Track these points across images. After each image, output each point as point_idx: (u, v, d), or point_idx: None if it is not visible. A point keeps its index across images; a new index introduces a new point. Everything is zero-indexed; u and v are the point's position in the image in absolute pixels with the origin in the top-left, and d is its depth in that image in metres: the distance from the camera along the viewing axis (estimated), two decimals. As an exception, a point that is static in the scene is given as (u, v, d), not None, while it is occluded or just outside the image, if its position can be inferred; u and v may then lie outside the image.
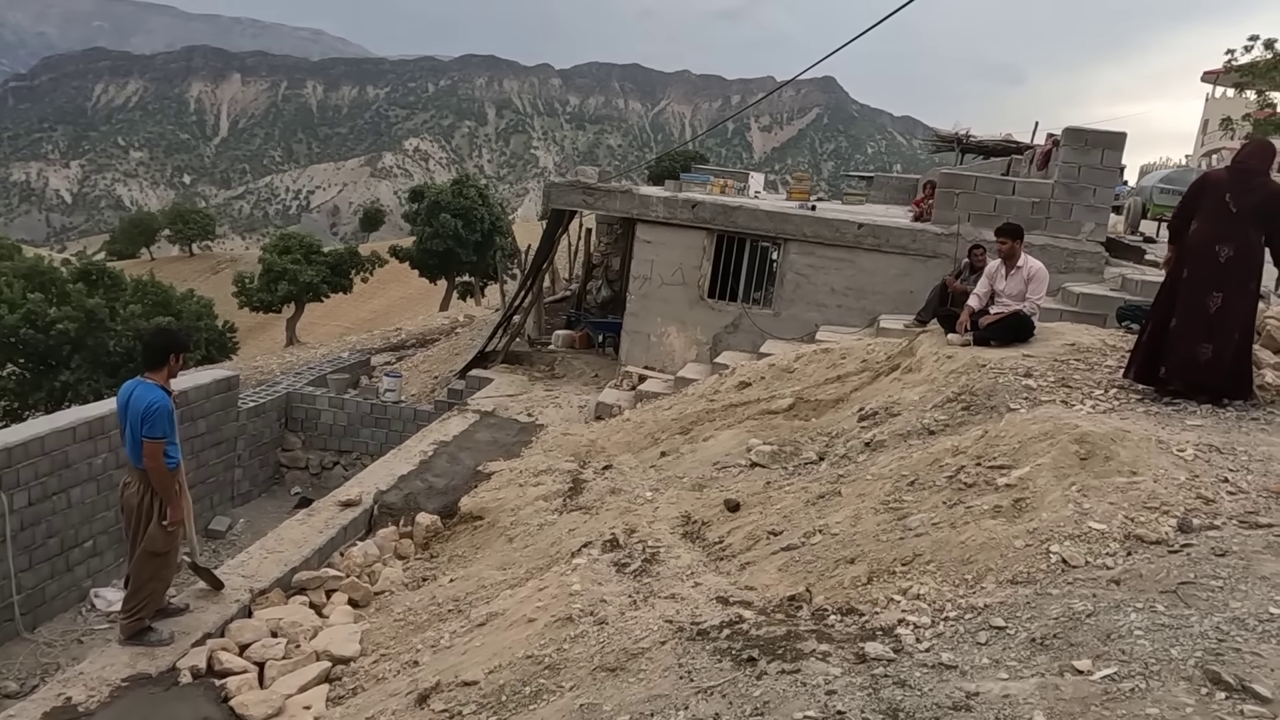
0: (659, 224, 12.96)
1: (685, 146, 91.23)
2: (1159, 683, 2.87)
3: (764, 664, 3.64)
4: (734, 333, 12.61)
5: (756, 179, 23.93)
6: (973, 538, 4.29)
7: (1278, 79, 36.54)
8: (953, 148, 28.41)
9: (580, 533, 6.67)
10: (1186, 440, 4.94)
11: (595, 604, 4.92)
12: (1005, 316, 7.68)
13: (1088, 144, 11.38)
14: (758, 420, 8.40)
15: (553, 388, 13.52)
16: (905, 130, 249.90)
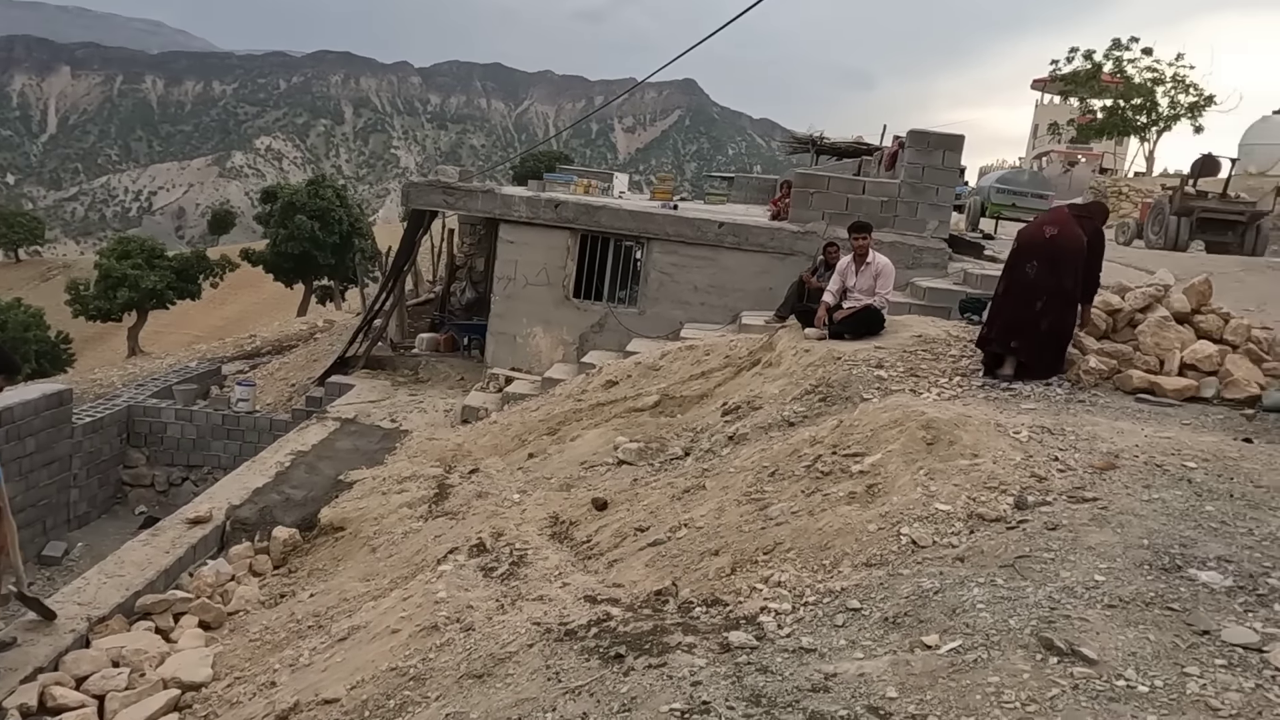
0: (522, 224, 12.86)
1: (547, 145, 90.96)
2: (999, 652, 3.04)
3: (631, 660, 3.65)
4: (600, 332, 12.63)
5: (621, 179, 24.08)
6: (830, 524, 4.44)
7: (1096, 87, 39.57)
8: (808, 149, 29.38)
9: (446, 539, 6.53)
10: (1022, 423, 5.26)
11: (461, 610, 4.82)
12: (857, 311, 7.99)
13: (930, 146, 11.98)
14: (625, 418, 8.45)
15: (417, 392, 13.20)
16: (764, 132, 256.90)
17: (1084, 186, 31.97)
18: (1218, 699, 2.65)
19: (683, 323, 12.09)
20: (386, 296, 15.78)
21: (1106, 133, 39.78)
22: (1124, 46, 38.95)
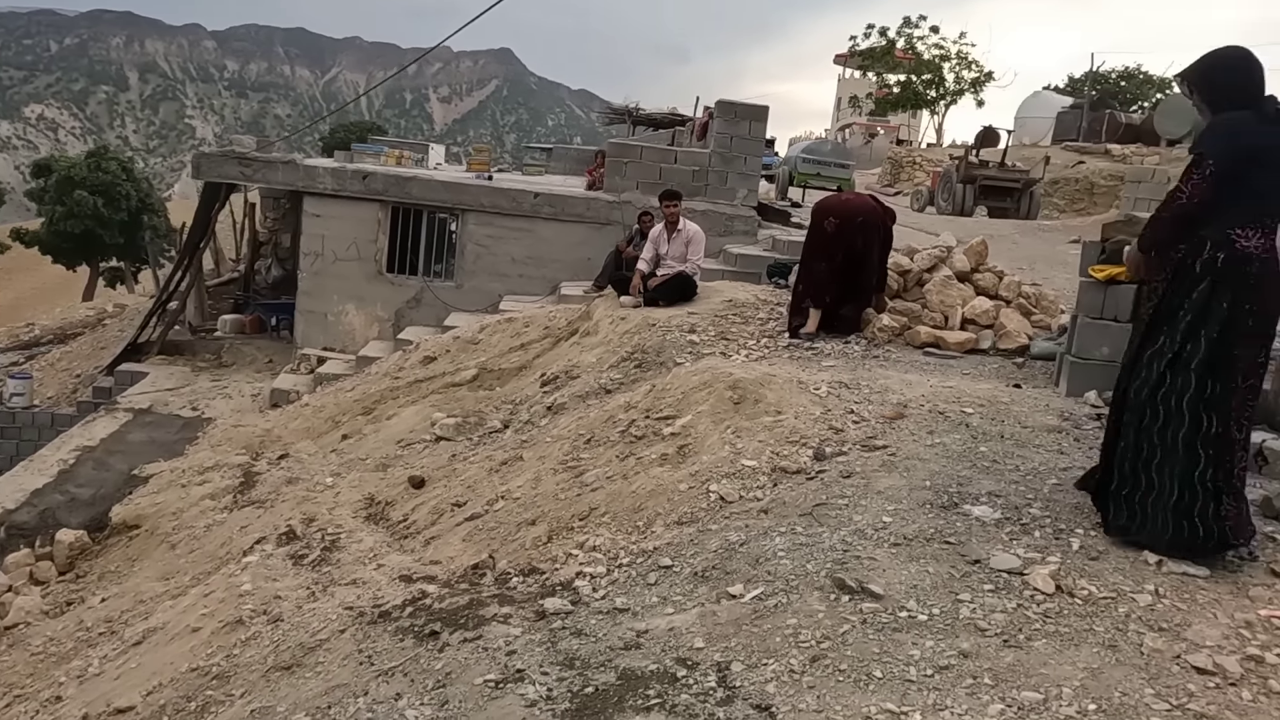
0: (329, 197, 12.27)
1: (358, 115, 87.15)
2: (797, 596, 3.20)
3: (447, 635, 3.60)
4: (417, 307, 12.29)
5: (438, 151, 23.42)
6: (643, 486, 4.52)
7: (891, 63, 41.96)
8: (625, 120, 29.61)
9: (254, 529, 6.21)
10: (822, 379, 5.54)
11: (269, 602, 4.60)
12: (670, 278, 8.15)
13: (737, 116, 12.33)
14: (443, 394, 8.28)
15: (221, 377, 12.44)
16: (583, 104, 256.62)
17: (884, 157, 33.94)
18: (985, 620, 2.90)
19: (501, 295, 11.95)
20: (182, 277, 14.72)
21: (901, 106, 42.32)
22: (914, 24, 41.46)
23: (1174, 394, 3.30)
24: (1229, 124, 3.27)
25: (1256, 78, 3.35)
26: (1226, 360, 3.27)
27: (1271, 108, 3.30)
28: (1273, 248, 3.32)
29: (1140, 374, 3.39)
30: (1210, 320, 3.26)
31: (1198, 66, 3.43)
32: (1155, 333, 3.38)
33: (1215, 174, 3.22)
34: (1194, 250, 3.31)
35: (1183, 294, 3.31)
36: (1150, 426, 3.33)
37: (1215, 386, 3.27)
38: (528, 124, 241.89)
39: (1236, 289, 3.25)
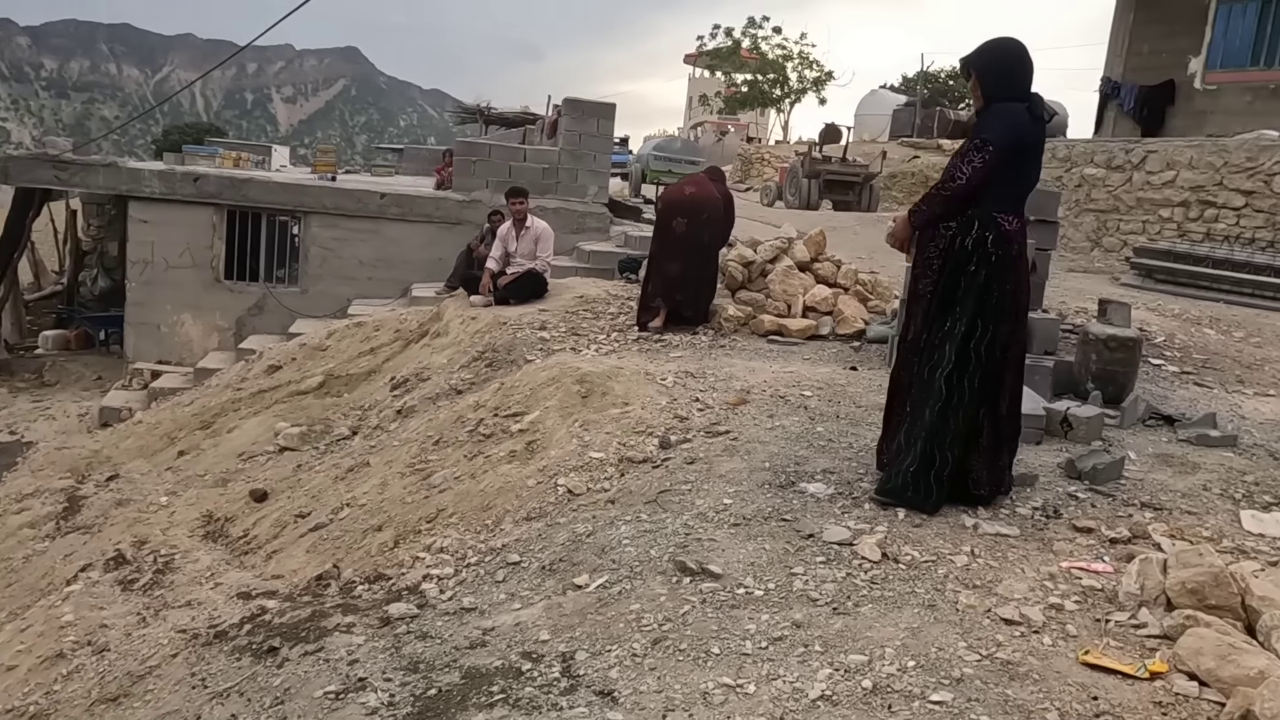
0: (157, 201, 11.57)
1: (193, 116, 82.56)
2: (640, 581, 3.24)
3: (286, 650, 3.47)
4: (259, 314, 11.75)
5: (282, 153, 22.56)
6: (491, 484, 4.49)
7: (738, 62, 43.07)
8: (476, 119, 29.23)
9: (79, 556, 5.79)
10: (669, 370, 5.64)
11: (93, 631, 4.32)
12: (520, 276, 8.11)
13: (585, 114, 12.36)
14: (288, 403, 7.96)
15: (43, 397, 11.57)
16: (435, 103, 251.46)
17: (734, 154, 34.76)
18: (816, 591, 3.02)
19: (350, 299, 11.58)
20: (-6, 291, 13.58)
21: (749, 104, 43.50)
22: (758, 25, 42.71)
23: (970, 375, 3.53)
24: (1010, 115, 3.50)
25: (1030, 71, 3.63)
26: (995, 336, 3.53)
27: (1039, 106, 3.58)
28: (1024, 231, 3.64)
29: (935, 356, 3.58)
30: (985, 300, 3.50)
31: (981, 54, 3.65)
32: (945, 314, 3.57)
33: (994, 160, 3.45)
34: (963, 229, 3.53)
35: (958, 274, 3.54)
36: (951, 406, 3.54)
37: (989, 361, 3.53)
38: (379, 124, 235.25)
39: (1003, 269, 3.51)
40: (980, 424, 3.58)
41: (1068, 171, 12.32)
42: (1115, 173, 11.78)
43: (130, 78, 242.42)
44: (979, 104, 3.67)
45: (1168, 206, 11.27)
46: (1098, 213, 11.97)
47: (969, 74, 3.68)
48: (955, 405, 3.53)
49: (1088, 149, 12.35)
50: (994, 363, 3.54)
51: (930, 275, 3.63)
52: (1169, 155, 11.27)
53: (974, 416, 3.56)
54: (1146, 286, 10.04)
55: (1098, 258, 11.93)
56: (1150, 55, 15.02)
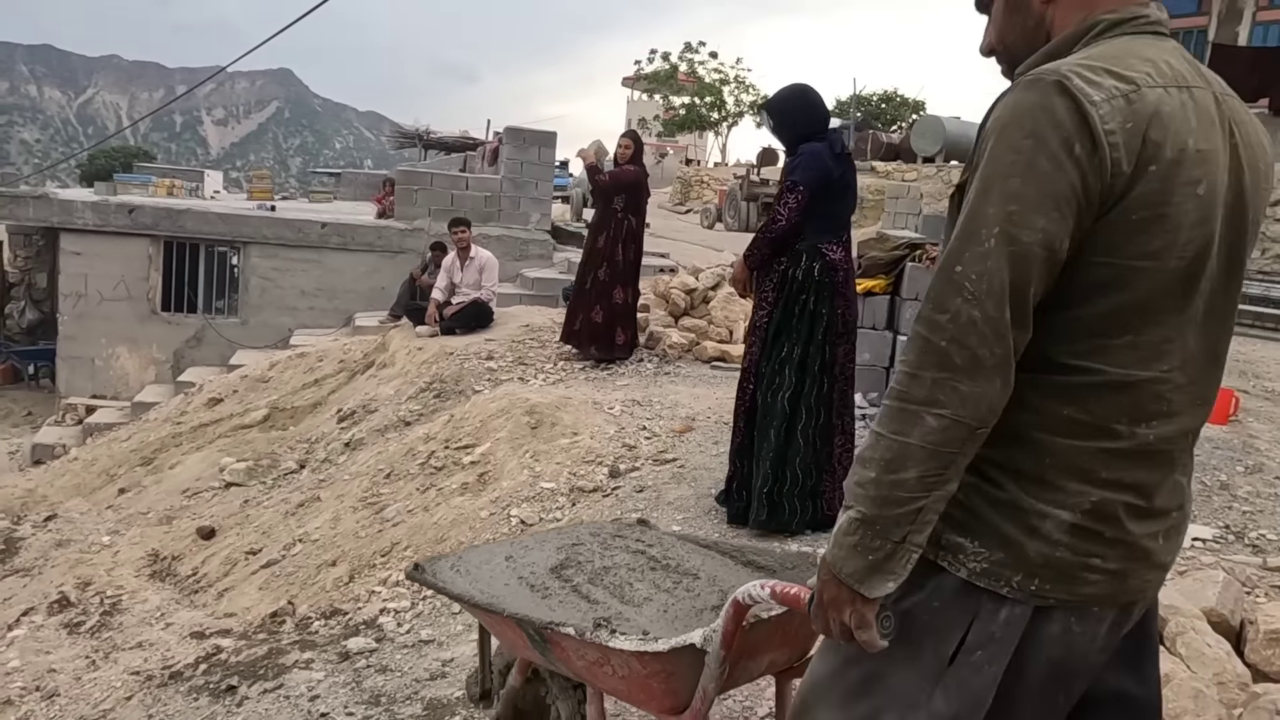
0: (90, 233, 11.38)
1: (121, 139, 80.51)
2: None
3: (245, 689, 3.50)
4: (198, 346, 11.61)
5: (214, 178, 22.24)
6: (445, 516, 4.57)
7: (675, 86, 43.65)
8: (415, 144, 29.18)
9: (19, 600, 5.68)
10: (616, 399, 5.77)
11: (40, 676, 4.27)
12: (466, 306, 8.19)
13: (526, 142, 12.52)
14: (231, 437, 7.90)
15: (-31, 436, 11.23)
16: (372, 125, 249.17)
17: (674, 176, 35.19)
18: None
19: (292, 329, 11.51)
20: (-85, 325, 13.16)
21: (687, 127, 44.06)
22: (694, 50, 43.38)
23: (806, 395, 3.79)
24: (815, 157, 3.78)
25: (823, 113, 3.97)
26: (830, 358, 3.82)
27: (839, 144, 3.89)
28: (849, 259, 3.94)
29: (776, 380, 3.82)
30: (817, 325, 3.79)
31: (777, 101, 3.95)
32: (780, 341, 3.84)
33: (805, 200, 3.74)
34: (793, 262, 3.82)
35: (793, 303, 3.82)
36: (794, 426, 3.79)
37: (826, 383, 3.81)
38: (314, 147, 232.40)
39: (832, 295, 3.80)
40: (827, 445, 3.83)
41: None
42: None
43: (52, 99, 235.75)
44: (786, 147, 3.95)
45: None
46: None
47: (770, 120, 3.98)
48: (798, 425, 3.78)
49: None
50: (831, 381, 3.82)
51: (766, 307, 3.90)
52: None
53: (818, 436, 3.81)
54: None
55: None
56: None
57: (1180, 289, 1.16)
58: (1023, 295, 1.10)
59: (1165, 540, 1.25)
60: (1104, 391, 1.16)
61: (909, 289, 5.85)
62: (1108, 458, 1.17)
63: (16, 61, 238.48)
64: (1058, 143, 1.08)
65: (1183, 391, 1.20)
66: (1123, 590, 1.23)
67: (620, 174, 6.76)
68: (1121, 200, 1.11)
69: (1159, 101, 1.11)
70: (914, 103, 42.49)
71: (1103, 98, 1.09)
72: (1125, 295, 1.14)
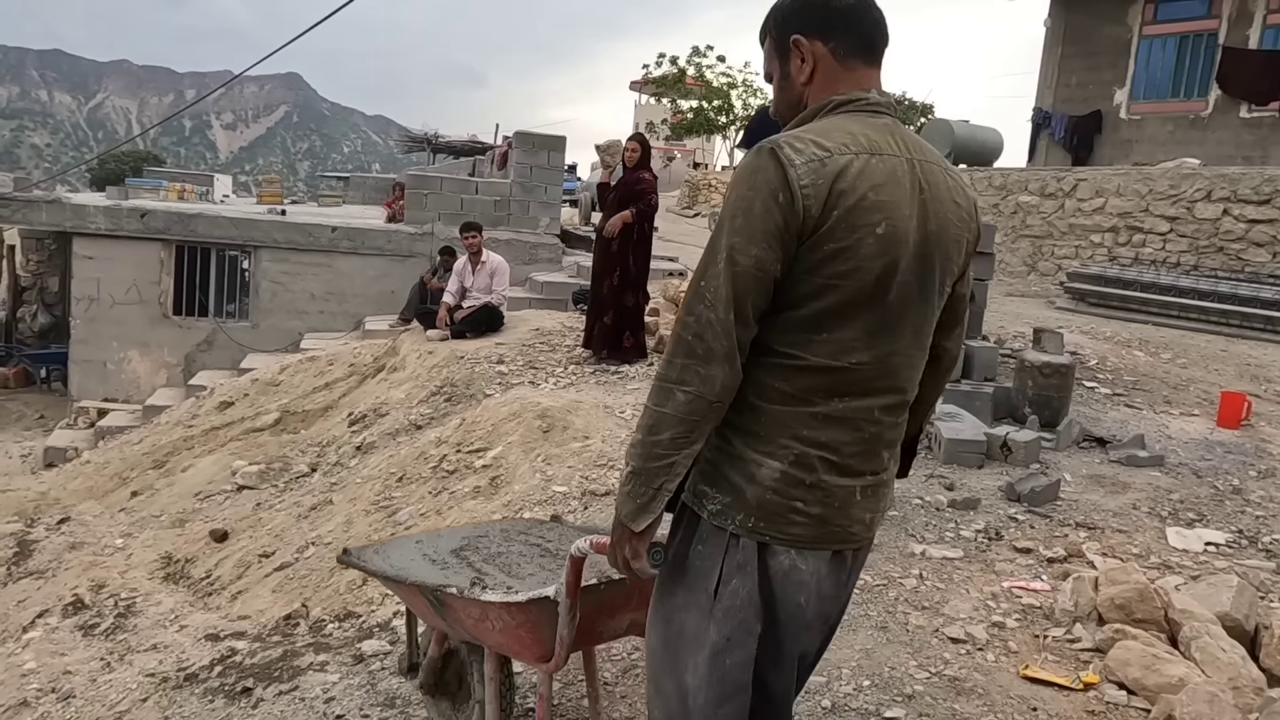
0: (102, 237, 11.46)
1: (132, 144, 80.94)
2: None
3: (261, 690, 3.53)
4: (209, 350, 11.67)
5: (224, 182, 22.33)
6: (457, 520, 4.58)
7: (682, 90, 43.69)
8: (424, 148, 29.28)
9: (34, 602, 5.72)
10: (626, 403, 5.79)
11: (57, 678, 4.29)
12: (477, 310, 8.22)
13: (535, 146, 12.55)
14: (243, 440, 7.94)
15: (-18, 438, 11.30)
16: (380, 129, 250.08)
17: (681, 180, 35.23)
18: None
19: (302, 333, 11.56)
20: (-71, 329, 13.25)
21: (695, 131, 44.07)
22: (702, 54, 43.38)
23: None
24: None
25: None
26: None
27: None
28: None
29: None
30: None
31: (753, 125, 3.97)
32: None
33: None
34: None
35: None
36: None
37: None
38: (322, 151, 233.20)
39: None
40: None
41: (1004, 199, 12.81)
42: (1048, 200, 12.29)
43: (62, 104, 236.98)
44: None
45: (1098, 232, 11.78)
46: (1033, 238, 12.45)
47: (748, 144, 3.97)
48: None
49: (1022, 177, 12.85)
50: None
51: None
52: (1098, 183, 11.80)
53: None
54: (1079, 310, 10.48)
55: (1034, 282, 12.39)
56: (1078, 87, 15.71)
57: (867, 302, 1.52)
58: (743, 303, 1.47)
59: (863, 497, 1.60)
60: (806, 373, 1.53)
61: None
62: (808, 419, 1.54)
63: (27, 66, 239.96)
64: (768, 193, 1.46)
65: (873, 378, 1.56)
66: (826, 534, 1.57)
67: (638, 182, 6.83)
68: (814, 235, 1.47)
69: (847, 164, 1.49)
70: (922, 106, 42.47)
71: (801, 161, 1.47)
72: (823, 304, 1.51)
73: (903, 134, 1.62)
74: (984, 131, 20.95)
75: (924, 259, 1.57)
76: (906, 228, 1.53)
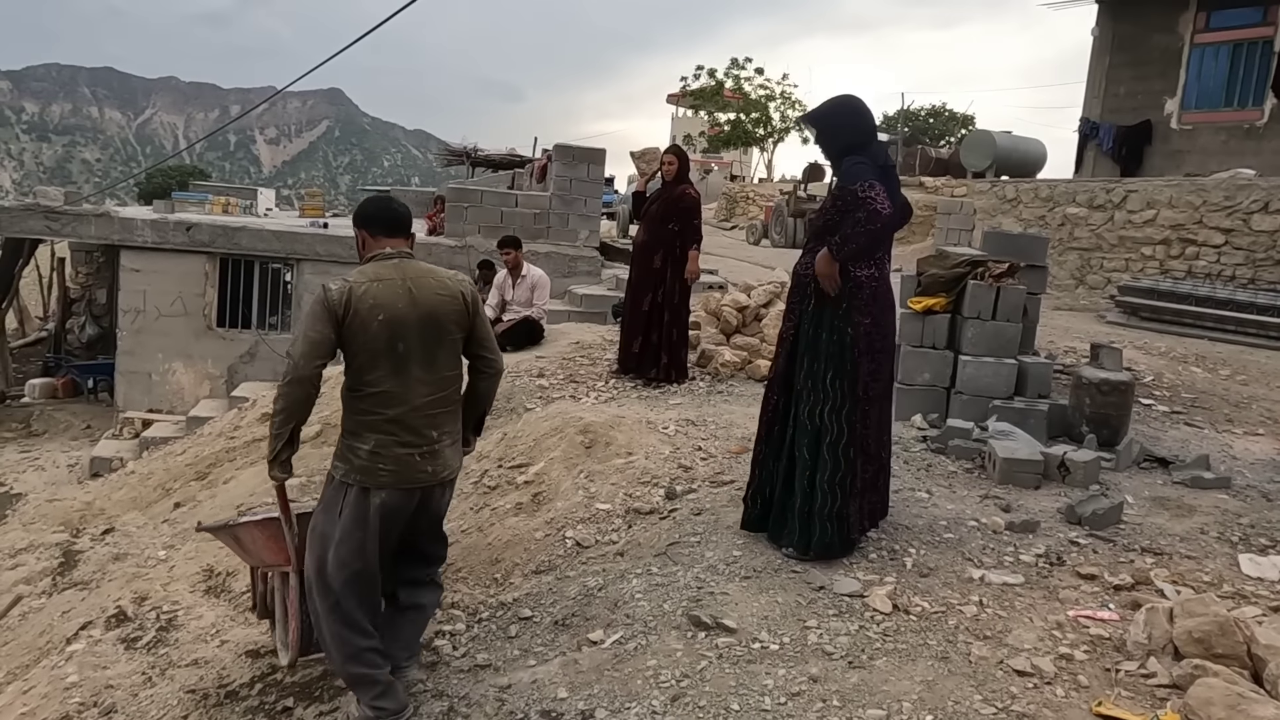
0: (149, 250, 11.62)
1: (167, 161, 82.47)
2: (655, 636, 3.28)
3: (301, 710, 3.48)
4: (251, 362, 11.77)
5: (267, 195, 22.60)
6: (499, 537, 4.51)
7: (720, 102, 43.65)
8: (463, 161, 29.47)
9: (78, 613, 5.74)
10: (669, 418, 5.69)
11: (99, 692, 4.28)
12: (517, 323, 8.17)
13: (575, 159, 12.54)
14: (284, 453, 7.94)
15: (31, 447, 11.48)
16: (419, 143, 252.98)
17: (719, 192, 35.14)
18: (831, 644, 3.07)
19: (343, 345, 11.62)
20: (-19, 340, 13.53)
21: (732, 143, 43.99)
22: (740, 66, 43.34)
23: (833, 412, 3.70)
24: (862, 167, 3.64)
25: (869, 123, 3.82)
26: (854, 375, 3.71)
27: (882, 156, 3.75)
28: (883, 275, 3.81)
29: (804, 396, 3.75)
30: (842, 340, 3.70)
31: (821, 112, 3.83)
32: (805, 357, 3.77)
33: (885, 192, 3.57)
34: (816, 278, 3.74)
35: (818, 317, 3.75)
36: (822, 443, 3.70)
37: (848, 400, 3.71)
38: (362, 165, 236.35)
39: (853, 311, 3.70)
40: (852, 466, 3.72)
41: (1050, 211, 12.55)
42: (1097, 212, 12.01)
43: (112, 120, 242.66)
44: (830, 160, 3.85)
45: (1149, 245, 11.49)
46: (1081, 251, 12.18)
47: (813, 131, 3.85)
48: (824, 441, 3.69)
49: (1069, 189, 12.58)
50: (854, 401, 3.71)
51: (792, 319, 3.86)
52: (1149, 194, 11.51)
53: (843, 456, 3.70)
54: (1131, 324, 10.20)
55: (1082, 295, 12.11)
56: (1127, 96, 15.38)
57: (381, 360, 2.96)
58: (311, 357, 2.89)
59: (422, 458, 3.04)
60: (368, 397, 2.98)
61: (970, 307, 5.69)
62: (377, 421, 2.98)
63: (80, 84, 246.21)
64: (321, 307, 2.91)
65: (400, 398, 2.98)
66: (400, 479, 3.02)
67: (682, 198, 6.75)
68: (345, 325, 2.92)
69: (363, 287, 2.94)
70: (962, 117, 42.02)
71: (336, 288, 2.94)
72: (360, 360, 2.97)
73: (404, 265, 3.09)
74: (1027, 143, 20.60)
75: (424, 331, 3.02)
76: (402, 316, 2.97)
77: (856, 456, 3.72)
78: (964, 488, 4.58)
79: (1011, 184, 13.40)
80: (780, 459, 3.83)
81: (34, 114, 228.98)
